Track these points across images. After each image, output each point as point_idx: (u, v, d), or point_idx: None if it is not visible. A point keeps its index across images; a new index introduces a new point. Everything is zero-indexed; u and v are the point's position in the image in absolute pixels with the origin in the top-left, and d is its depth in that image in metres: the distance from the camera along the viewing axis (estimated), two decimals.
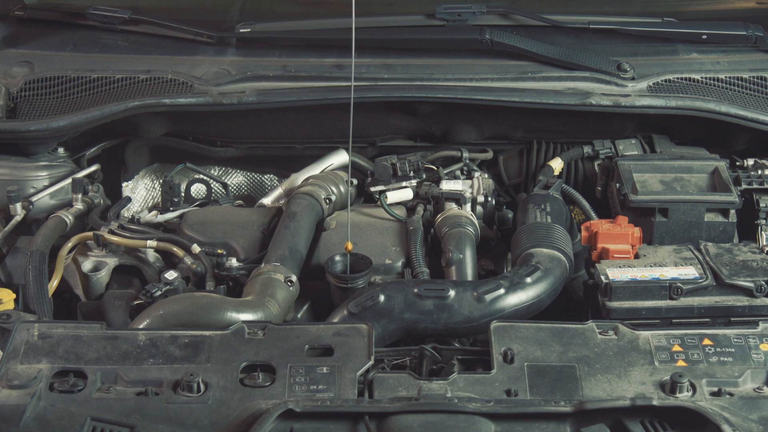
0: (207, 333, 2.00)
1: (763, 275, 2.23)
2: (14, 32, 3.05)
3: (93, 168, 2.83)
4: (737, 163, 2.73)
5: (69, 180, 2.72)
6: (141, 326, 2.13)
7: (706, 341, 1.99)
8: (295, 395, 1.85)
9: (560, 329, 2.03)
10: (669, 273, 2.24)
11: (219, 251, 2.51)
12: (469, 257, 2.45)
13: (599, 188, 2.81)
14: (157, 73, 2.82)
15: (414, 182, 2.75)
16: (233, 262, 2.46)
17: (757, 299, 2.21)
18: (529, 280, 2.28)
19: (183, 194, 2.93)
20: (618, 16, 3.05)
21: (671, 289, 2.20)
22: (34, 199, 2.66)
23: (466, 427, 1.77)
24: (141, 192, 3.09)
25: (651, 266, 2.28)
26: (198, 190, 3.02)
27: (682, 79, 2.82)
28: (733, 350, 1.97)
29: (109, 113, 2.71)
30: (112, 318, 2.38)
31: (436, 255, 2.54)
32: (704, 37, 2.96)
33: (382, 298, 2.21)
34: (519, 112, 2.82)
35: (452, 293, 2.21)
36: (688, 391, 1.87)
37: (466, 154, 2.88)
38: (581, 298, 2.52)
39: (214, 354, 1.94)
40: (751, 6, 3.24)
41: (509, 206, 2.77)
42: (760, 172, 2.66)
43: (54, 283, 2.42)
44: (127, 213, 2.91)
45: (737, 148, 2.83)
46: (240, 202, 2.97)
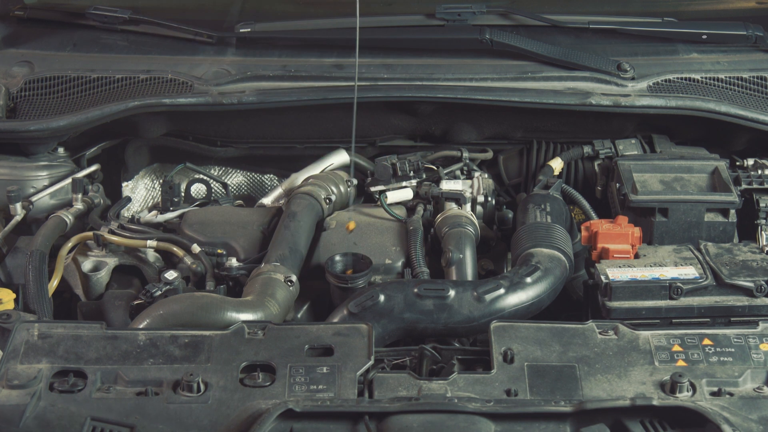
0: (207, 333, 2.00)
1: (763, 275, 2.23)
2: (14, 32, 3.05)
3: (93, 168, 2.83)
4: (737, 163, 2.73)
5: (69, 180, 2.72)
6: (141, 326, 2.13)
7: (706, 341, 1.99)
8: (295, 395, 1.85)
9: (560, 329, 2.03)
10: (669, 273, 2.24)
11: (219, 251, 2.51)
12: (469, 257, 2.45)
13: (599, 188, 2.81)
14: (157, 73, 2.82)
15: (414, 182, 2.75)
16: (233, 262, 2.45)
17: (757, 299, 2.20)
18: (529, 280, 2.28)
19: (183, 194, 2.93)
20: (618, 16, 3.05)
21: (671, 289, 2.20)
22: (34, 199, 2.66)
23: (466, 427, 1.77)
24: (141, 192, 3.09)
25: (651, 266, 2.28)
26: (198, 190, 3.02)
27: (682, 79, 2.82)
28: (733, 350, 1.97)
29: (109, 113, 2.71)
30: (112, 318, 2.38)
31: (436, 255, 2.53)
32: (704, 37, 2.96)
33: (382, 298, 2.21)
34: (519, 112, 2.82)
35: (452, 293, 2.21)
36: (688, 391, 1.87)
37: (466, 154, 2.88)
38: (581, 298, 2.52)
39: (214, 354, 1.94)
40: (751, 6, 3.24)
41: (509, 206, 2.76)
42: (760, 172, 2.66)
43: (54, 283, 2.42)
44: (127, 213, 2.91)
45: (737, 148, 2.83)
46: (240, 202, 2.97)
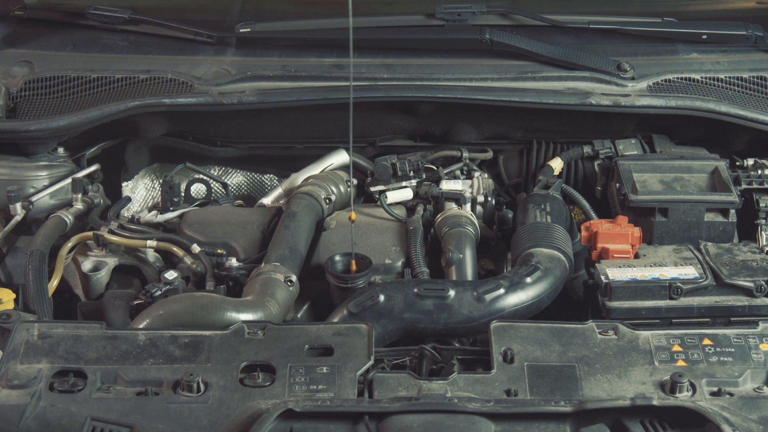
0: (207, 333, 2.00)
1: (763, 275, 2.23)
2: (14, 32, 3.05)
3: (93, 168, 2.83)
4: (737, 163, 2.73)
5: (69, 180, 2.72)
6: (141, 326, 2.13)
7: (706, 341, 1.99)
8: (295, 395, 1.85)
9: (560, 329, 2.03)
10: (669, 273, 2.24)
11: (219, 251, 2.50)
12: (469, 257, 2.45)
13: (599, 188, 2.81)
14: (157, 73, 2.82)
15: (414, 182, 2.75)
16: (233, 262, 2.45)
17: (757, 299, 2.20)
18: (529, 279, 2.28)
19: (183, 194, 2.92)
20: (618, 16, 3.05)
21: (671, 289, 2.20)
22: (34, 199, 2.66)
23: (466, 427, 1.77)
24: (141, 192, 3.09)
25: (651, 266, 2.28)
26: (198, 190, 3.02)
27: (682, 79, 2.82)
28: (733, 350, 1.97)
29: (109, 113, 2.70)
30: (112, 318, 2.38)
31: (436, 255, 2.53)
32: (704, 37, 2.96)
33: (382, 298, 2.21)
34: (519, 111, 2.82)
35: (452, 293, 2.21)
36: (688, 391, 1.87)
37: (466, 154, 2.87)
38: (581, 298, 2.52)
39: (214, 354, 1.94)
40: (751, 6, 3.24)
41: (509, 206, 2.76)
42: (760, 172, 2.66)
43: (54, 283, 2.42)
44: (127, 213, 2.91)
45: (737, 148, 2.83)
46: (240, 202, 2.97)
